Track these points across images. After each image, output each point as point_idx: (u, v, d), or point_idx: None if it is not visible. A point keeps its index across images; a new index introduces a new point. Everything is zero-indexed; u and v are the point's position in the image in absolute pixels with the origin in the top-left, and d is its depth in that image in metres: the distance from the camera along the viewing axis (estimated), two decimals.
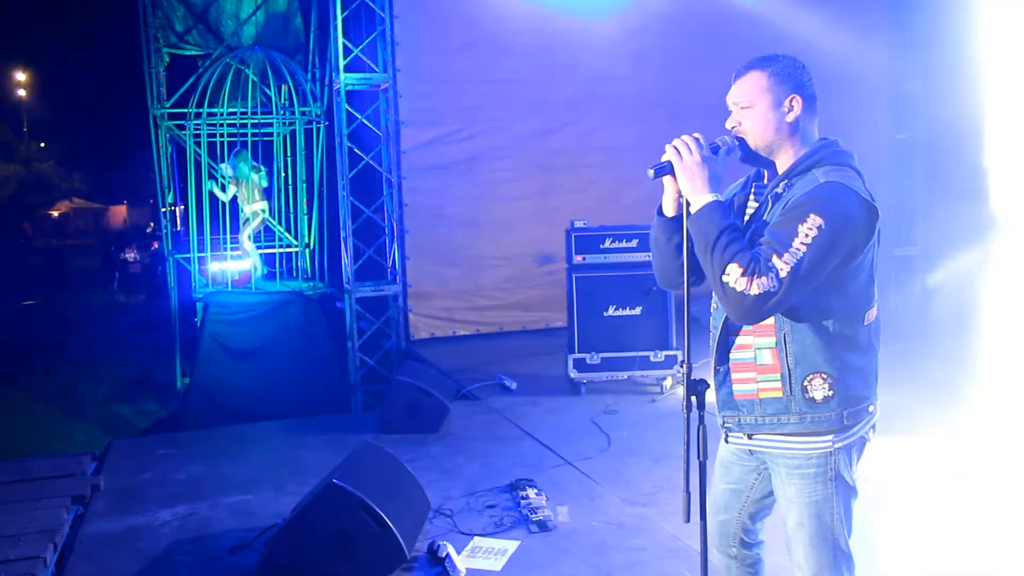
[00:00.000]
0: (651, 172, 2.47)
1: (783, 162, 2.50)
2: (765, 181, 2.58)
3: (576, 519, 4.67)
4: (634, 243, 7.09)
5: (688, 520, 2.42)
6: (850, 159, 2.47)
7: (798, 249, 2.27)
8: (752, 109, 2.48)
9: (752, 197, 2.60)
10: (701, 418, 2.42)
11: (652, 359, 7.11)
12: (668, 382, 7.17)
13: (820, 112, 2.55)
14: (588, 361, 7.14)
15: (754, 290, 2.26)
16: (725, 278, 2.30)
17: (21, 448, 9.78)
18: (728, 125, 2.53)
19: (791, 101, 2.46)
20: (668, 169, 2.45)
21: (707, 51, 9.25)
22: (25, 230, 39.83)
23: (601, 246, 7.14)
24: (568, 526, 4.59)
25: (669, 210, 2.55)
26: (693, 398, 2.44)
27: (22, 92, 45.86)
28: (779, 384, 2.45)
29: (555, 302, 9.03)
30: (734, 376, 2.54)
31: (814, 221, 2.28)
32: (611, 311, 7.13)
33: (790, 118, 2.46)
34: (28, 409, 12.40)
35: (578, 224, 7.21)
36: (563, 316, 7.50)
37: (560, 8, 9.77)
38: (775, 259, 2.27)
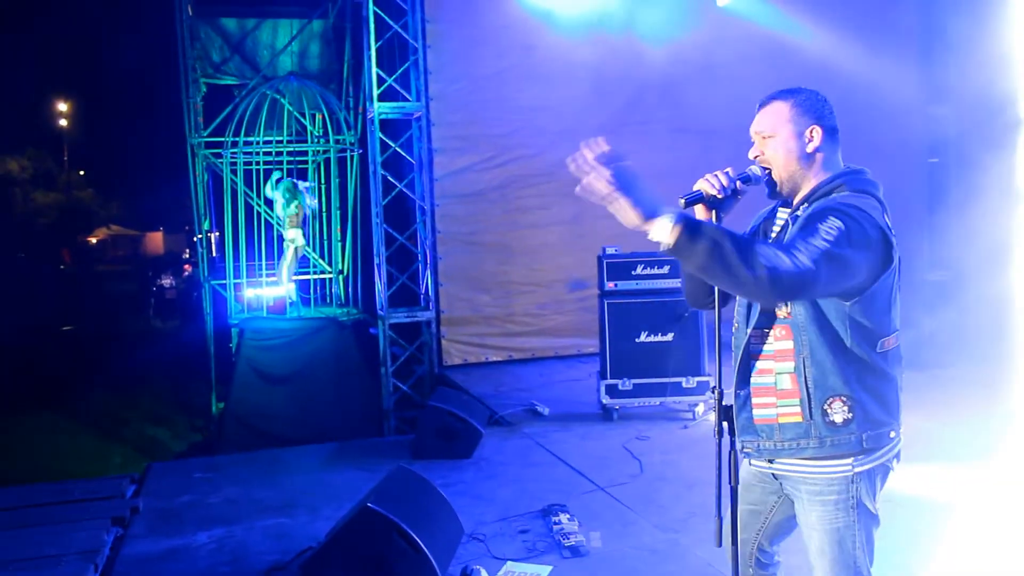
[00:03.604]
0: (682, 201, 2.53)
1: (804, 192, 2.54)
2: (783, 206, 2.62)
3: (609, 545, 4.68)
4: (666, 269, 7.11)
5: (720, 545, 2.44)
6: (874, 188, 2.50)
7: (822, 240, 2.24)
8: (774, 139, 2.53)
9: (776, 218, 2.63)
10: (732, 443, 2.45)
11: (684, 385, 7.10)
12: (700, 408, 7.15)
13: (854, 136, 2.58)
14: (620, 387, 7.15)
15: (784, 263, 2.15)
16: (752, 259, 2.13)
17: (60, 470, 9.95)
18: (751, 155, 2.58)
19: (811, 132, 2.50)
20: (699, 198, 2.51)
21: (738, 77, 9.28)
22: (64, 257, 40.51)
23: (633, 272, 7.16)
24: (601, 552, 4.60)
25: None
26: (724, 424, 2.47)
27: (63, 122, 46.76)
28: (798, 409, 2.47)
29: (587, 328, 9.05)
30: (754, 401, 2.55)
31: (833, 223, 2.29)
32: (643, 337, 7.13)
33: (810, 148, 2.51)
34: (67, 432, 12.59)
35: (610, 250, 7.23)
36: (595, 342, 7.51)
37: (590, 37, 9.86)
38: (799, 244, 2.24)
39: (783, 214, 2.60)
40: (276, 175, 11.79)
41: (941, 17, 10.20)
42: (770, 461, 2.57)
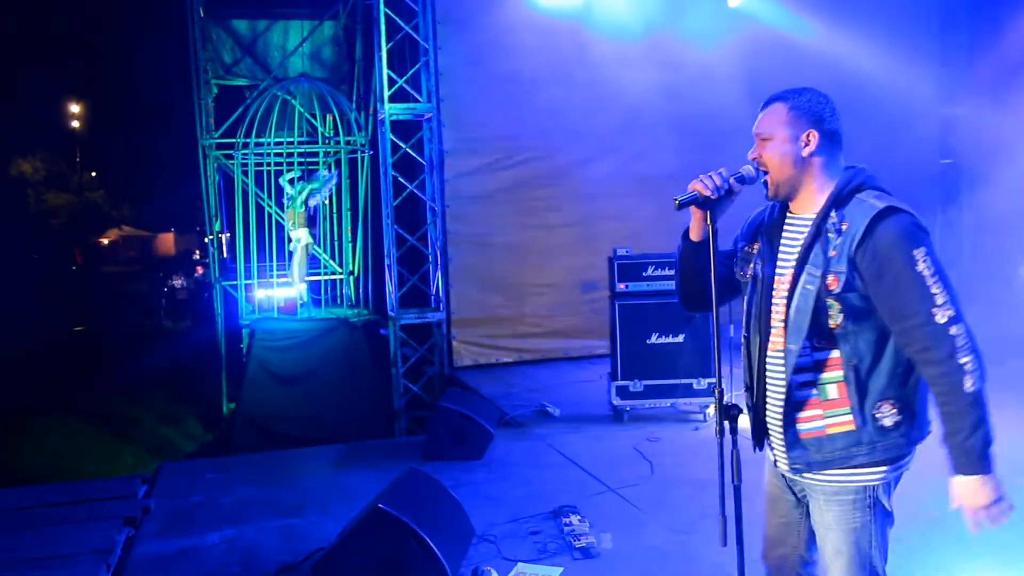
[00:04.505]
0: (676, 202, 2.54)
1: (805, 195, 2.53)
2: (791, 211, 2.59)
3: (619, 546, 4.67)
4: (673, 271, 7.08)
5: (725, 544, 2.42)
6: (882, 183, 2.51)
7: (934, 283, 2.32)
8: (772, 141, 2.52)
9: (787, 224, 2.59)
10: (735, 442, 2.43)
11: (695, 387, 7.08)
12: (711, 410, 7.11)
13: (866, 137, 2.56)
14: (631, 389, 7.14)
15: (965, 360, 2.30)
16: (971, 380, 2.31)
17: (73, 470, 9.99)
18: (750, 156, 2.57)
19: (808, 136, 2.49)
20: (694, 199, 2.51)
21: (749, 77, 9.26)
22: (75, 257, 40.67)
23: (644, 274, 7.15)
24: (611, 553, 4.59)
25: (695, 235, 2.62)
26: (726, 423, 2.46)
27: (76, 123, 46.97)
28: (849, 417, 2.43)
29: (598, 330, 9.04)
30: (798, 415, 2.49)
31: (919, 253, 2.33)
32: (654, 339, 7.12)
33: (806, 152, 2.49)
34: (79, 432, 12.63)
35: (621, 252, 7.22)
36: (606, 344, 7.50)
37: (601, 38, 9.86)
38: (938, 316, 2.31)
39: (797, 222, 2.55)
40: (290, 175, 11.85)
41: (957, 18, 10.18)
42: (822, 473, 2.50)
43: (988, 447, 2.34)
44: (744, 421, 2.52)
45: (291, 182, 11.75)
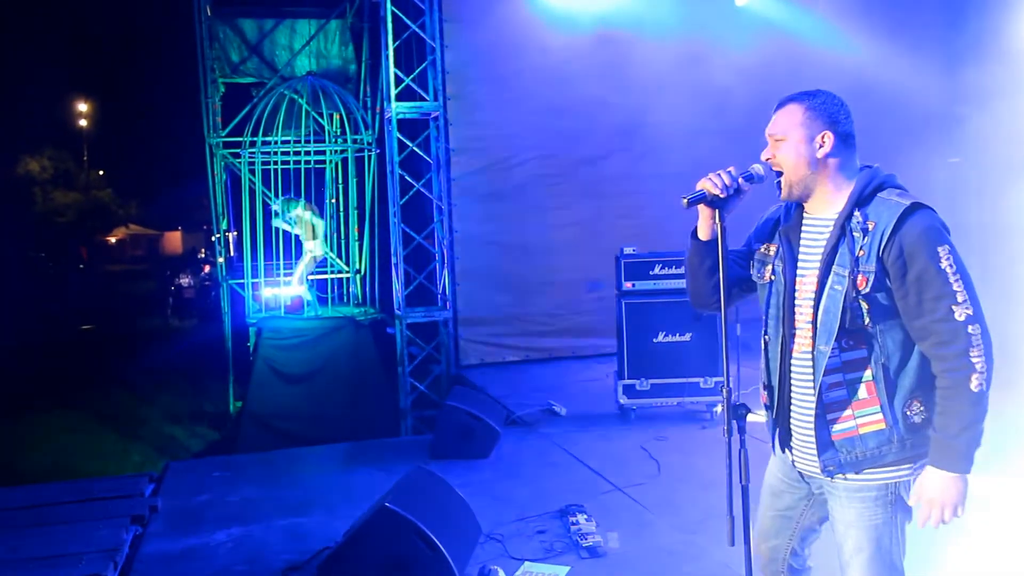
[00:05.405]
0: (685, 201, 2.54)
1: (821, 196, 2.53)
2: (807, 212, 2.59)
3: (626, 545, 4.67)
4: (683, 269, 7.07)
5: (733, 544, 2.42)
6: (900, 182, 2.53)
7: (956, 281, 2.34)
8: (786, 142, 2.52)
9: (805, 225, 2.59)
10: (743, 442, 2.43)
11: (702, 385, 7.07)
12: (718, 409, 7.11)
13: (874, 135, 2.56)
14: (638, 387, 7.13)
15: (977, 360, 2.33)
16: (978, 381, 2.34)
17: (80, 468, 10.00)
18: (763, 157, 2.57)
19: (823, 137, 2.49)
20: (702, 197, 2.51)
21: (759, 77, 9.24)
22: (82, 255, 40.77)
23: (651, 272, 7.14)
24: (618, 552, 4.59)
25: (703, 234, 2.61)
26: (734, 422, 2.46)
27: (83, 122, 47.09)
28: (880, 416, 2.44)
29: (604, 328, 9.01)
30: (829, 417, 2.49)
31: (943, 251, 2.36)
32: (661, 337, 7.11)
33: (820, 154, 2.49)
34: (86, 430, 12.65)
35: (627, 250, 7.22)
36: (612, 342, 7.49)
37: (609, 36, 9.84)
38: (957, 313, 2.33)
39: (816, 223, 2.55)
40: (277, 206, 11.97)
41: (964, 15, 10.14)
42: (856, 473, 2.49)
43: (974, 448, 2.36)
44: (753, 420, 2.51)
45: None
